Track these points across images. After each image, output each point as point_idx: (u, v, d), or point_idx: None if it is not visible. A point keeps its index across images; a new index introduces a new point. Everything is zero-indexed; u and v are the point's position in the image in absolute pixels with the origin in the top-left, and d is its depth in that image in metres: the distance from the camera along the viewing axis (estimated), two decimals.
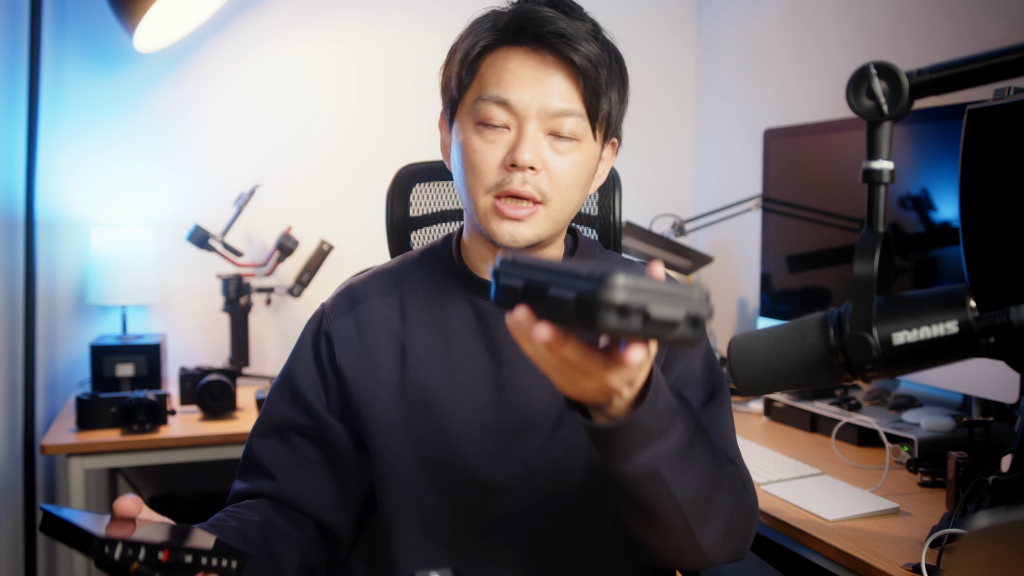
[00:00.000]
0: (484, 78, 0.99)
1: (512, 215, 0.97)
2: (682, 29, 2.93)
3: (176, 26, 2.36)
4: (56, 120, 2.41)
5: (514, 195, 0.97)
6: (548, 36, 0.96)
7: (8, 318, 2.38)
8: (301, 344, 1.11)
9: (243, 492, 1.08)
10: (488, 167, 0.98)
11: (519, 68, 0.97)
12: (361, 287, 1.11)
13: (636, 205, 2.81)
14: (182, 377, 2.21)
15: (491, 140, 0.98)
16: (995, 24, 1.86)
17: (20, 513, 2.37)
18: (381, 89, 2.67)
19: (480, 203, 0.99)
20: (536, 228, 0.99)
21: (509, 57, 0.98)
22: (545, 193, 0.98)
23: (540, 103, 0.97)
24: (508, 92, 0.97)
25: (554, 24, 0.96)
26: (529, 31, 0.97)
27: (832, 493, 1.49)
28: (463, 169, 1.00)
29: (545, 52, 0.97)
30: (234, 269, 2.46)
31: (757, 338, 0.71)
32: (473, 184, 0.99)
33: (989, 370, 1.55)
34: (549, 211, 0.99)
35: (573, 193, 1.01)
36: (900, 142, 1.78)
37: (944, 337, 0.64)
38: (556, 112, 0.97)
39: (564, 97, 0.97)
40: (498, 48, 0.99)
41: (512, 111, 0.97)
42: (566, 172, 0.99)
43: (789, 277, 2.17)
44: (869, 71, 0.64)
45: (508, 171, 0.97)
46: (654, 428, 0.79)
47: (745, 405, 2.13)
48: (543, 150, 0.98)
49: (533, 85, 0.97)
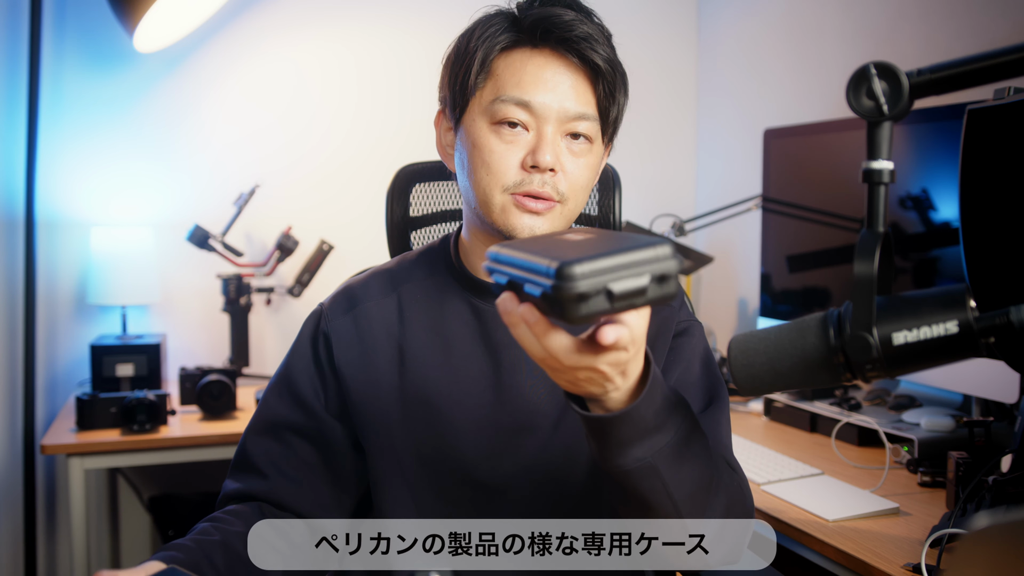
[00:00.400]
0: (501, 78, 0.99)
1: (532, 208, 0.98)
2: (682, 29, 2.93)
3: (176, 26, 2.36)
4: (56, 120, 2.41)
5: (533, 195, 0.98)
6: (575, 40, 0.97)
7: (8, 318, 2.38)
8: (299, 343, 1.11)
9: (234, 492, 1.07)
10: (507, 167, 0.98)
11: (540, 70, 0.98)
12: (359, 288, 1.11)
13: (636, 205, 2.81)
14: (182, 377, 2.21)
15: (509, 140, 0.98)
16: (995, 24, 1.86)
17: (20, 513, 2.37)
18: (381, 89, 2.67)
19: (496, 200, 0.99)
20: (552, 224, 1.01)
21: (530, 59, 0.98)
22: (563, 193, 0.99)
23: (560, 105, 0.98)
24: (530, 94, 0.97)
25: (578, 27, 0.97)
26: (555, 33, 0.97)
27: (832, 493, 1.49)
28: (475, 168, 1.00)
29: (569, 55, 0.98)
30: (234, 269, 2.46)
31: (757, 338, 0.71)
32: (488, 183, 0.99)
33: (989, 370, 1.55)
34: (565, 211, 1.01)
35: (585, 194, 1.03)
36: (900, 142, 1.78)
37: (944, 337, 0.64)
38: (575, 115, 0.98)
39: (582, 100, 0.99)
40: (517, 49, 0.99)
41: (532, 112, 0.98)
42: (581, 174, 1.00)
43: (789, 277, 2.17)
44: (869, 71, 0.64)
45: (528, 172, 0.98)
46: (651, 422, 0.79)
47: (745, 405, 2.13)
48: (560, 152, 0.99)
49: (554, 87, 0.98)
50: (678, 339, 1.07)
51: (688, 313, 1.11)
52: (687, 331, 1.08)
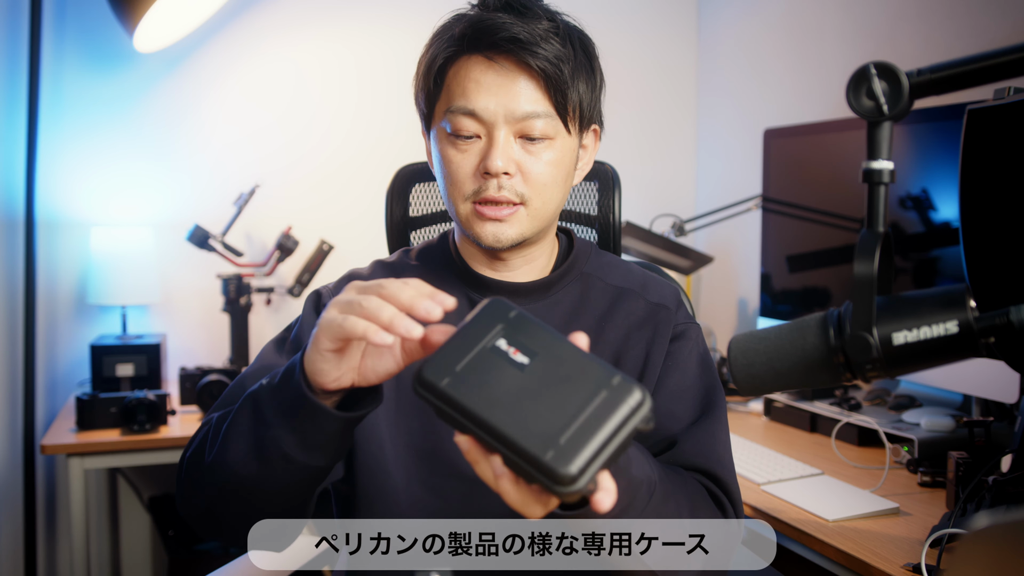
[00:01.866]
0: (451, 89, 1.00)
1: (493, 216, 0.99)
2: (682, 29, 2.93)
3: (176, 26, 2.36)
4: (56, 120, 2.41)
5: (492, 201, 0.99)
6: (502, 43, 0.96)
7: (8, 318, 2.38)
8: (305, 315, 1.09)
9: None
10: (464, 176, 1.00)
11: (481, 77, 0.98)
12: (362, 275, 1.12)
13: (636, 205, 2.81)
14: (182, 377, 2.21)
15: (464, 149, 1.00)
16: (995, 24, 1.86)
17: (20, 513, 2.37)
18: (381, 89, 2.67)
19: (460, 209, 1.01)
20: (519, 227, 1.01)
21: (470, 67, 0.99)
22: (523, 195, 0.99)
23: (506, 109, 0.98)
24: (473, 102, 0.98)
25: (508, 30, 0.96)
26: (484, 39, 0.97)
27: (832, 493, 1.49)
28: (442, 180, 1.03)
29: (502, 59, 0.97)
30: (234, 269, 2.46)
31: (757, 338, 0.71)
32: (452, 194, 1.01)
33: (989, 370, 1.55)
34: (531, 211, 1.01)
35: (553, 191, 1.02)
36: (900, 142, 1.78)
37: (944, 337, 0.64)
38: (523, 115, 0.98)
39: (530, 99, 0.98)
40: (459, 58, 1.00)
41: (480, 120, 0.98)
42: (542, 172, 1.00)
43: (789, 277, 2.17)
44: (869, 71, 0.64)
45: (483, 179, 0.99)
46: (618, 507, 0.79)
47: (745, 405, 2.13)
48: (515, 153, 0.99)
49: (497, 92, 0.98)
50: (675, 343, 1.07)
51: (686, 315, 1.10)
52: (684, 334, 1.08)
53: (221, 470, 0.86)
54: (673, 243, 2.41)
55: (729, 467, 1.04)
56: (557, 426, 0.64)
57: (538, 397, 0.66)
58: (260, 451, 0.83)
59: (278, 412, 0.81)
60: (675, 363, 1.06)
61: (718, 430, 1.04)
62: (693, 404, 1.05)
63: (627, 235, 2.30)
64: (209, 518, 0.92)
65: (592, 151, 1.09)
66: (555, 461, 0.63)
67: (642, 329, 1.06)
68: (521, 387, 0.67)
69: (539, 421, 0.65)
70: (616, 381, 0.65)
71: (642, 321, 1.07)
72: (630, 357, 1.05)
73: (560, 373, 0.67)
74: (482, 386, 0.67)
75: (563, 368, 0.67)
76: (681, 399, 1.04)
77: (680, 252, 2.43)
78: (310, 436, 0.81)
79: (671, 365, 1.05)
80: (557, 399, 0.66)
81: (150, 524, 2.54)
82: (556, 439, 0.64)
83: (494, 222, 0.99)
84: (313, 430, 0.80)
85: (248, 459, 0.83)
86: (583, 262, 1.11)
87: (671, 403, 1.03)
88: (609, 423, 0.64)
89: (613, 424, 0.64)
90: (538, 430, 0.64)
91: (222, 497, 0.88)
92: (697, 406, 1.05)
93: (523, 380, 0.67)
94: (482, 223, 1.00)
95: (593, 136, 1.09)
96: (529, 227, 1.01)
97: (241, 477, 0.85)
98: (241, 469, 0.84)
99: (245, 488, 0.86)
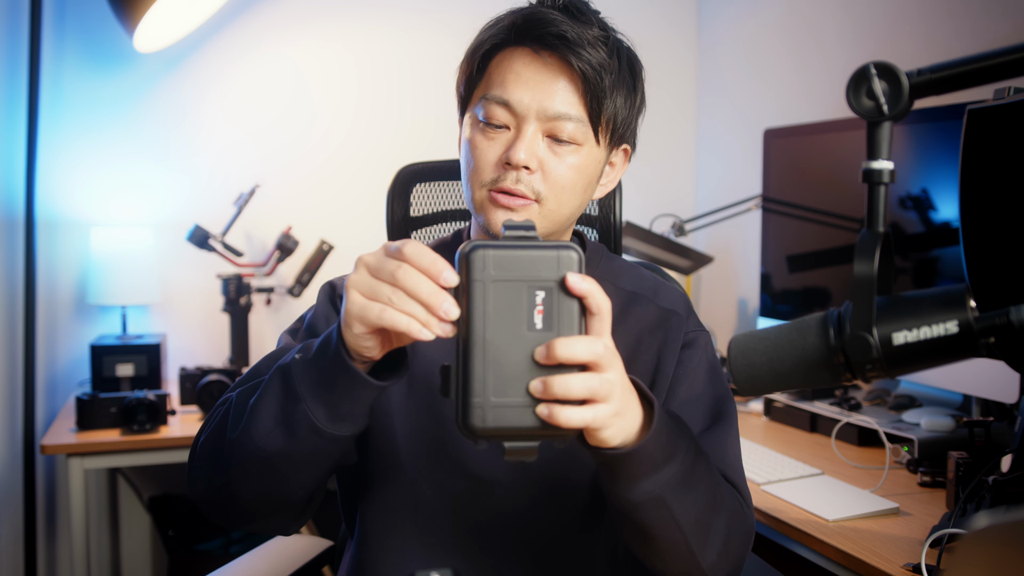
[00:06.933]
0: (491, 76, 1.00)
1: (506, 204, 0.99)
2: (682, 29, 2.93)
3: (176, 26, 2.36)
4: (56, 120, 2.41)
5: (507, 192, 0.98)
6: (549, 38, 0.96)
7: (8, 318, 2.38)
8: (319, 304, 1.09)
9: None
10: (486, 163, 0.99)
11: (522, 69, 0.98)
12: None
13: (636, 205, 2.81)
14: (182, 377, 2.21)
15: (492, 137, 0.99)
16: (995, 24, 1.86)
17: (20, 513, 2.37)
18: (381, 89, 2.67)
19: (476, 195, 1.01)
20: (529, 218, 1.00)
21: (514, 57, 0.99)
22: (539, 192, 0.99)
23: (540, 105, 0.97)
24: (509, 92, 0.98)
25: (557, 27, 0.96)
26: (533, 32, 0.97)
27: (832, 493, 1.49)
28: (464, 164, 1.03)
29: (546, 54, 0.97)
30: (234, 269, 2.46)
31: (757, 338, 0.71)
32: (470, 179, 1.01)
33: (989, 370, 1.55)
34: (544, 210, 1.00)
35: (571, 196, 1.01)
36: (900, 142, 1.78)
37: (944, 337, 0.64)
38: (555, 115, 0.97)
39: (565, 101, 0.98)
40: (505, 48, 1.00)
41: (512, 111, 0.98)
42: (563, 174, 0.99)
43: (789, 277, 2.17)
44: (869, 71, 0.64)
45: (504, 169, 0.98)
46: (659, 456, 0.80)
47: (745, 405, 2.13)
48: (540, 150, 0.98)
49: (534, 87, 0.97)
50: (685, 351, 1.06)
51: (696, 322, 1.10)
52: (694, 342, 1.07)
53: (244, 446, 0.86)
54: (673, 243, 2.41)
55: (742, 475, 1.03)
56: (503, 390, 0.69)
57: (514, 358, 0.70)
58: (287, 423, 0.83)
59: (312, 383, 0.82)
60: (685, 372, 1.05)
61: (729, 439, 1.04)
62: (703, 413, 1.04)
63: (627, 235, 2.30)
64: (224, 495, 0.92)
65: (619, 171, 1.08)
66: (473, 411, 0.69)
67: (653, 334, 1.06)
68: (514, 337, 0.70)
69: (499, 376, 0.69)
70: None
71: (654, 326, 1.06)
72: (641, 362, 1.05)
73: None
74: (497, 311, 0.70)
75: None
76: (691, 408, 1.03)
77: (680, 252, 2.43)
78: (342, 406, 0.82)
79: (681, 374, 1.05)
80: (527, 372, 0.70)
81: (150, 524, 2.54)
82: (491, 398, 0.69)
83: (505, 210, 0.99)
84: (348, 400, 0.81)
85: (275, 432, 0.84)
86: (594, 266, 1.10)
87: (681, 412, 1.01)
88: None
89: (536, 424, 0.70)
90: (491, 384, 0.69)
91: (243, 472, 0.88)
92: (707, 415, 1.05)
93: (521, 334, 0.70)
94: (494, 209, 0.99)
95: (623, 155, 1.08)
96: (540, 225, 1.00)
97: (266, 452, 0.85)
98: (267, 443, 0.85)
99: (269, 463, 0.86)
